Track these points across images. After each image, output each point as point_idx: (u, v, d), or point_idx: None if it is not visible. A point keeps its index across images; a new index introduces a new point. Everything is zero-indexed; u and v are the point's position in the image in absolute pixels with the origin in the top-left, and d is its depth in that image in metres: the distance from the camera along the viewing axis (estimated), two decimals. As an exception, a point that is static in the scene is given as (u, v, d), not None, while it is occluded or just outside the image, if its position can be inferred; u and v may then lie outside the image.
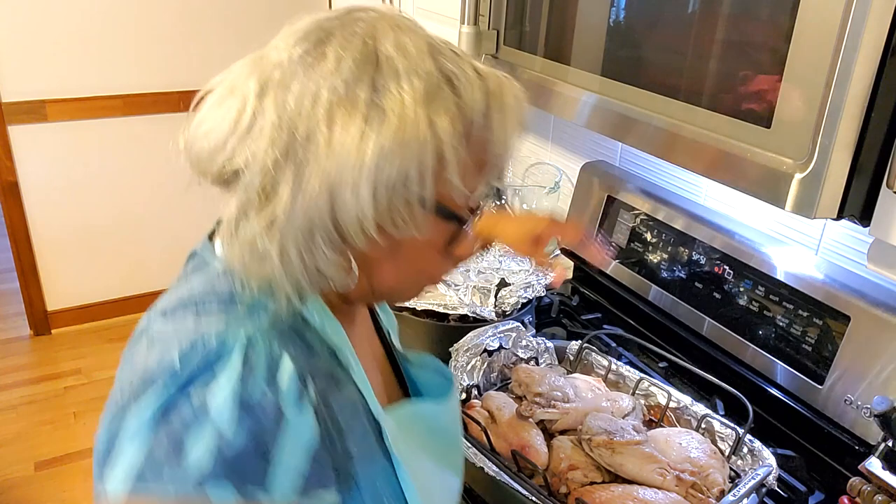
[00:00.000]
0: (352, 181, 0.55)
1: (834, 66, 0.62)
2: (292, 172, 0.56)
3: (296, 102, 0.57)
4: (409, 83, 0.57)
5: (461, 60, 0.61)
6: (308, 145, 0.56)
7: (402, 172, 0.56)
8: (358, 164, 0.55)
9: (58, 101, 2.76)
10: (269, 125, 0.57)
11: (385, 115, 0.56)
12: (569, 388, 0.98)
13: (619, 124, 0.88)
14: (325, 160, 0.55)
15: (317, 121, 0.56)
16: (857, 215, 0.67)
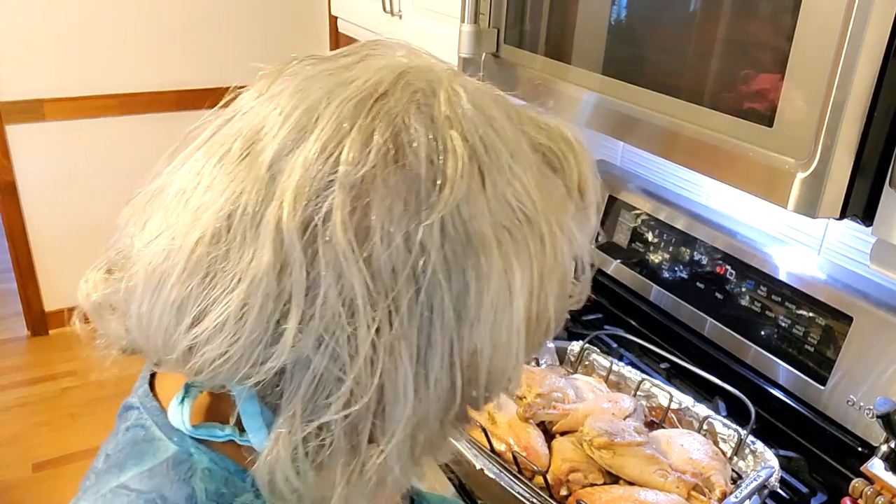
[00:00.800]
0: (506, 341, 0.41)
1: (836, 64, 0.61)
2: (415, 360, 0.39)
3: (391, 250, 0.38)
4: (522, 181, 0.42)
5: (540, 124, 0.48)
6: (427, 311, 0.39)
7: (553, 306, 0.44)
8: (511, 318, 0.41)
9: (55, 100, 2.76)
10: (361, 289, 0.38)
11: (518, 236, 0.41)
12: (570, 388, 0.98)
13: (621, 123, 0.88)
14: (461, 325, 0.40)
15: (433, 273, 0.39)
16: (860, 215, 0.67)
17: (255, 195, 0.39)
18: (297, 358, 0.39)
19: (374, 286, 0.38)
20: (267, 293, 0.38)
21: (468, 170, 0.40)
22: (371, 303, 0.38)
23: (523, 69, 1.05)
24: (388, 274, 0.38)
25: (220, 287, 0.39)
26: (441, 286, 0.39)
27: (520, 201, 0.41)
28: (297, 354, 0.39)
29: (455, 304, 0.40)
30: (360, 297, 0.38)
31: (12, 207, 2.82)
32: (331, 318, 0.38)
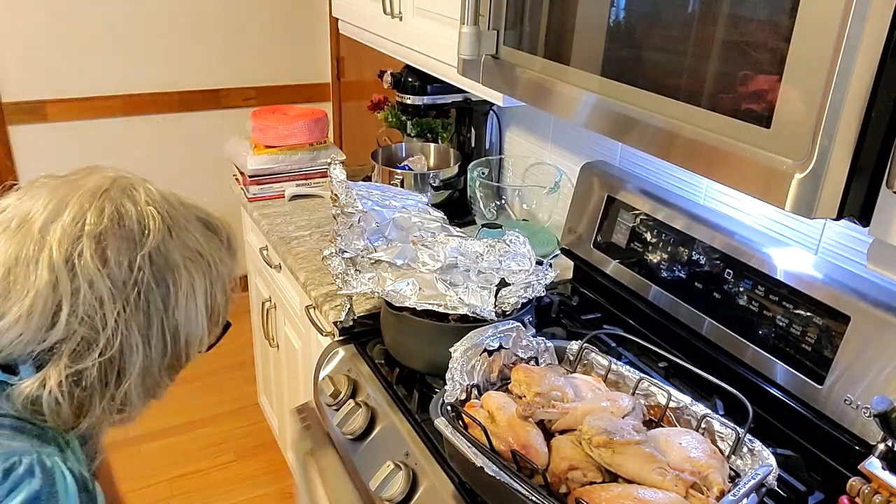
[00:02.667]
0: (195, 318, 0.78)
1: (834, 65, 0.62)
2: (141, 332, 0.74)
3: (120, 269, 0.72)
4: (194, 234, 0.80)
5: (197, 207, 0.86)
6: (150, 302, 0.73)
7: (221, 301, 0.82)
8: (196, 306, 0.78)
9: (58, 101, 2.76)
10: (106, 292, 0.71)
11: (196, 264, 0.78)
12: (569, 387, 0.98)
13: (619, 124, 0.88)
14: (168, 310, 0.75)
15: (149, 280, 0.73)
16: (857, 215, 0.67)
17: (33, 245, 0.69)
18: (66, 333, 0.69)
19: (114, 289, 0.71)
20: (46, 297, 0.68)
21: (161, 226, 0.75)
22: (112, 298, 0.70)
23: (522, 70, 1.06)
24: (120, 283, 0.71)
25: (14, 297, 0.68)
26: (153, 289, 0.73)
27: (194, 245, 0.77)
28: (67, 331, 0.69)
29: (163, 298, 0.74)
30: (105, 295, 0.70)
31: (14, 207, 2.83)
32: (88, 307, 0.69)
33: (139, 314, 0.72)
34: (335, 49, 3.17)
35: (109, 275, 0.69)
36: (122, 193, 0.74)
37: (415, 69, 1.76)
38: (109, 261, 0.70)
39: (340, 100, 3.27)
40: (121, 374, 0.72)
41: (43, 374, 0.69)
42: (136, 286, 0.71)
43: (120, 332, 0.70)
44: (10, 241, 0.69)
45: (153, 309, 0.73)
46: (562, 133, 1.71)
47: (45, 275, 0.67)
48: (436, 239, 1.31)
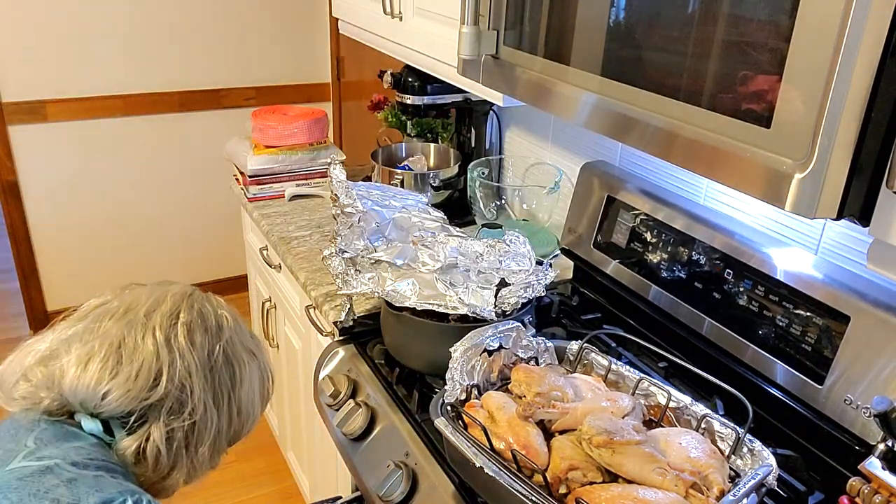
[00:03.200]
0: (256, 401, 0.97)
1: (834, 65, 0.62)
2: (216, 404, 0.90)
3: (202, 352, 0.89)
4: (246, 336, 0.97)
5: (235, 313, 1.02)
6: (224, 383, 0.90)
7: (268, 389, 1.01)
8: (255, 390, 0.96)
9: (58, 101, 2.77)
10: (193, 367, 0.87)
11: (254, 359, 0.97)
12: (569, 387, 0.98)
13: (619, 124, 0.88)
14: (238, 390, 0.92)
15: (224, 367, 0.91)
16: (857, 215, 0.67)
17: (140, 326, 0.86)
18: (165, 394, 0.84)
19: (198, 365, 0.87)
20: (150, 363, 0.84)
21: (232, 327, 0.94)
22: (197, 372, 0.87)
23: (522, 70, 1.06)
24: (203, 362, 0.88)
25: (125, 363, 0.83)
26: (224, 372, 0.91)
27: (250, 347, 0.96)
28: (165, 392, 0.84)
29: (231, 380, 0.91)
30: (193, 368, 0.87)
31: (15, 208, 2.83)
32: (181, 376, 0.85)
33: (214, 389, 0.89)
34: (335, 49, 3.17)
35: (196, 354, 0.87)
36: (202, 298, 0.93)
37: (415, 69, 1.76)
38: (196, 344, 0.87)
39: (340, 100, 3.27)
40: (199, 438, 0.88)
41: (147, 428, 0.84)
42: (213, 367, 0.89)
43: (202, 400, 0.87)
44: (120, 322, 0.85)
45: (224, 387, 0.90)
46: (562, 133, 1.71)
47: (150, 347, 0.84)
48: (436, 239, 1.31)
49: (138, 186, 3.01)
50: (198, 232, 3.22)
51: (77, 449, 0.79)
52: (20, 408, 0.84)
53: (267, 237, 1.85)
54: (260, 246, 2.03)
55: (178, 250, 3.22)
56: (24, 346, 0.87)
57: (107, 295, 0.91)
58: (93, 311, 0.88)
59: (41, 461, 0.76)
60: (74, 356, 0.82)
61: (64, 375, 0.81)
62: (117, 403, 0.81)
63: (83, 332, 0.85)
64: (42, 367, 0.83)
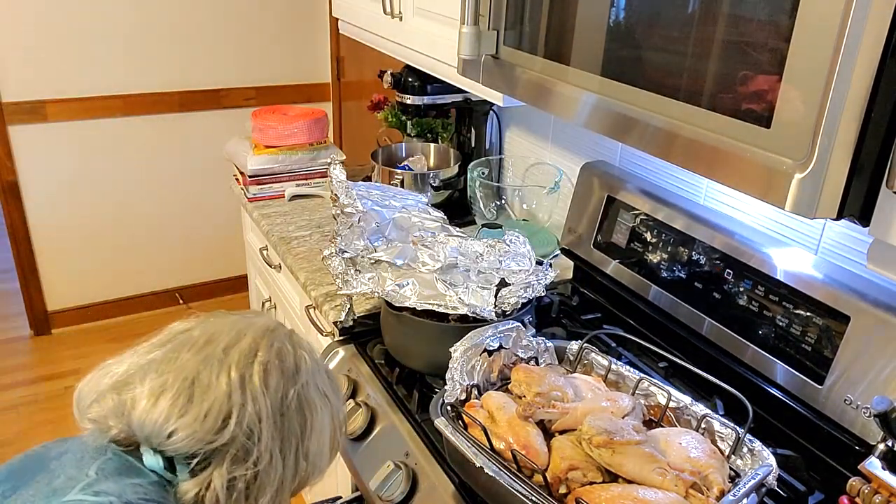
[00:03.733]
0: (325, 450, 0.89)
1: (834, 65, 0.62)
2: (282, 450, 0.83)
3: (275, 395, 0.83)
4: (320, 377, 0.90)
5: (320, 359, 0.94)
6: (295, 429, 0.84)
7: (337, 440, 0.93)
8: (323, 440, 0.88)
9: (58, 101, 2.76)
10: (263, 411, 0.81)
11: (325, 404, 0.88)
12: (569, 387, 0.98)
13: (619, 124, 0.88)
14: (308, 437, 0.85)
15: (297, 410, 0.84)
16: (857, 215, 0.67)
17: (217, 362, 0.81)
18: (231, 439, 0.78)
19: (270, 409, 0.81)
20: (221, 404, 0.78)
21: (310, 369, 0.87)
22: (268, 417, 0.81)
23: (522, 70, 1.06)
24: (275, 406, 0.82)
25: (196, 400, 0.78)
26: (295, 418, 0.84)
27: (325, 390, 0.89)
28: (231, 437, 0.78)
29: (301, 427, 0.84)
30: (263, 413, 0.80)
31: (15, 207, 2.83)
32: (250, 420, 0.79)
33: (283, 436, 0.82)
34: (335, 49, 3.17)
35: (269, 398, 0.81)
36: (284, 336, 0.87)
37: (415, 69, 1.76)
38: (270, 387, 0.82)
39: (340, 100, 3.26)
40: (261, 488, 0.82)
41: (209, 474, 0.79)
42: (284, 413, 0.82)
43: (269, 449, 0.81)
44: (198, 356, 0.81)
45: (293, 435, 0.83)
46: (562, 133, 1.71)
47: (223, 387, 0.79)
48: (436, 239, 1.31)
49: (138, 186, 3.01)
50: (198, 232, 3.22)
51: (135, 486, 0.76)
52: (91, 430, 0.81)
53: (267, 237, 1.85)
54: (260, 246, 2.03)
55: (178, 250, 3.22)
56: (104, 365, 0.84)
57: (191, 321, 0.87)
58: (174, 337, 0.84)
59: (97, 497, 0.73)
60: (147, 388, 0.79)
61: (135, 407, 0.78)
62: (182, 444, 0.77)
63: (161, 361, 0.81)
64: (115, 394, 0.80)
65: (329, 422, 0.88)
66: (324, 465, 0.90)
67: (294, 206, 1.98)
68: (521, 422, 0.92)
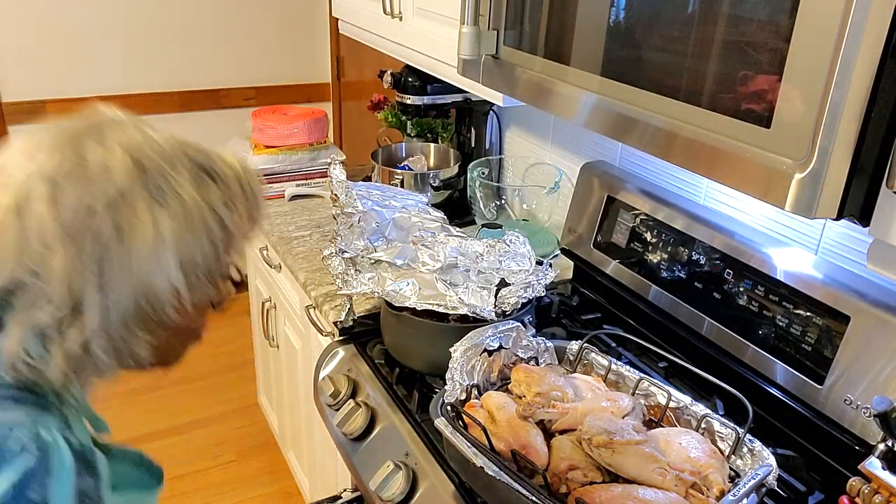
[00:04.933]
0: (162, 272, 0.67)
1: (834, 65, 0.62)
2: (95, 281, 0.64)
3: (74, 214, 0.64)
4: (176, 178, 0.69)
5: (204, 151, 0.74)
6: (104, 252, 0.64)
7: (203, 252, 0.70)
8: (162, 257, 0.67)
9: (58, 101, 2.76)
10: (55, 239, 0.63)
11: (169, 209, 0.67)
12: (569, 387, 0.98)
13: (619, 124, 0.88)
14: (128, 261, 0.65)
15: (105, 228, 0.64)
16: (857, 215, 0.67)
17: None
18: (13, 283, 0.64)
19: (65, 235, 0.63)
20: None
21: (130, 170, 0.66)
22: (63, 244, 0.63)
23: (522, 70, 1.06)
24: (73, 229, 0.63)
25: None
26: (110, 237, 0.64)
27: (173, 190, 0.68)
28: (12, 280, 0.63)
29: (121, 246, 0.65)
30: (54, 241, 0.63)
31: (14, 207, 2.83)
32: (35, 255, 0.63)
33: (93, 264, 0.64)
34: (335, 49, 3.17)
35: (60, 219, 0.63)
36: (95, 135, 0.68)
37: (415, 69, 1.76)
38: (61, 205, 0.63)
39: (340, 100, 3.26)
40: (80, 330, 0.66)
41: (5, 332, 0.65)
42: (91, 233, 0.64)
43: (72, 282, 0.64)
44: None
45: (107, 258, 0.64)
46: (562, 133, 1.71)
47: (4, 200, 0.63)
48: (436, 239, 1.31)
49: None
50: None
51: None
52: None
53: (267, 237, 1.84)
54: (260, 246, 2.03)
55: (178, 250, 3.21)
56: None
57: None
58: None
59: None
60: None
61: None
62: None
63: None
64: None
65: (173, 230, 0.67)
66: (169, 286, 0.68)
67: (294, 206, 1.98)
68: (521, 422, 0.92)
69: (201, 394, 2.75)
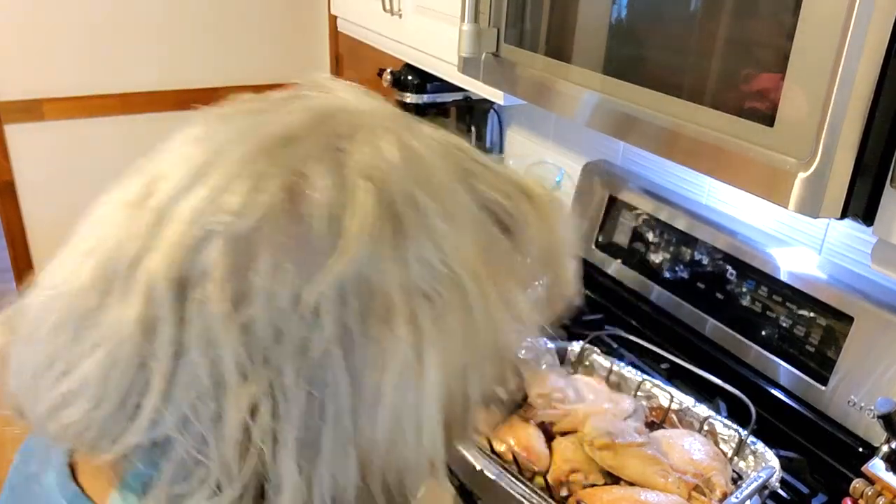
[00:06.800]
0: (414, 425, 0.36)
1: (837, 64, 0.61)
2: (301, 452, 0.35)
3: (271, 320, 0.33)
4: (454, 239, 0.36)
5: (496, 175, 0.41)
6: (319, 389, 0.34)
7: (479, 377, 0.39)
8: (419, 396, 0.35)
9: (55, 99, 2.75)
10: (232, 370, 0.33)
11: (437, 304, 0.35)
12: (570, 389, 0.98)
13: (621, 123, 0.87)
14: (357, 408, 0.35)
15: (326, 347, 0.34)
16: (861, 215, 0.66)
17: (137, 242, 0.35)
18: (158, 436, 0.34)
19: (250, 357, 0.33)
20: (130, 355, 0.34)
21: (377, 227, 0.34)
22: (244, 376, 0.33)
23: (523, 68, 1.05)
24: (270, 343, 0.33)
25: (87, 343, 0.35)
26: (335, 361, 0.34)
27: (447, 264, 0.35)
28: (157, 432, 0.34)
29: (351, 382, 0.34)
30: (228, 370, 0.33)
31: (11, 207, 2.82)
32: (196, 394, 0.33)
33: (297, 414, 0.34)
34: (334, 47, 3.16)
35: (247, 325, 0.33)
36: (324, 146, 0.36)
37: (414, 67, 1.75)
38: (254, 296, 0.33)
39: (340, 99, 3.26)
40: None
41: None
42: (302, 355, 0.34)
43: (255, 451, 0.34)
44: (116, 227, 0.39)
45: (330, 405, 0.35)
46: (563, 132, 1.70)
47: (134, 309, 0.34)
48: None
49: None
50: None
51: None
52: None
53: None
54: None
55: (178, 250, 3.21)
56: None
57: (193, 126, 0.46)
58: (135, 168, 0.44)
59: None
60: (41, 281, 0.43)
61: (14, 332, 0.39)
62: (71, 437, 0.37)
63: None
64: None
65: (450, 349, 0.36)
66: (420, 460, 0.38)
67: (293, 205, 1.97)
68: (522, 423, 0.91)
69: (201, 394, 2.74)
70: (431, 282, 0.35)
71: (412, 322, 0.35)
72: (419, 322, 0.35)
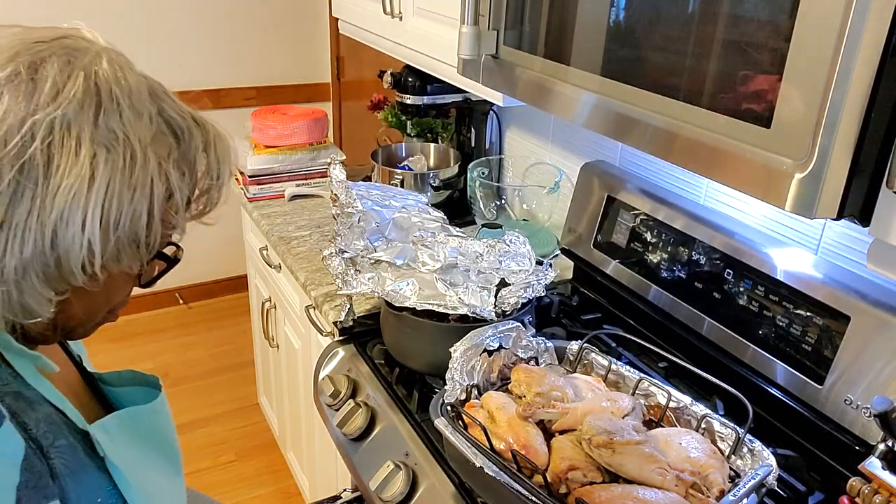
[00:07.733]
0: (80, 220, 0.57)
1: (834, 65, 0.62)
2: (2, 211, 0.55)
3: (4, 132, 0.55)
4: (134, 124, 0.60)
5: (179, 107, 0.67)
6: (24, 181, 0.55)
7: (134, 213, 0.60)
8: (86, 203, 0.57)
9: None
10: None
11: (113, 154, 0.58)
12: (569, 387, 0.98)
13: (619, 124, 0.88)
14: (45, 198, 0.56)
15: (34, 155, 0.55)
16: (857, 215, 0.67)
17: None
18: None
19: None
20: None
21: (85, 100, 0.58)
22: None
23: (522, 70, 1.05)
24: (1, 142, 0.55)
25: None
26: (38, 164, 0.55)
27: (125, 134, 0.59)
28: None
29: (44, 178, 0.56)
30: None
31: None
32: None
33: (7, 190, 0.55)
34: (335, 49, 3.17)
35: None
36: (61, 55, 0.60)
37: (415, 69, 1.76)
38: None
39: (340, 100, 3.26)
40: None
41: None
42: (15, 155, 0.55)
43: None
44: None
45: (25, 188, 0.55)
46: (562, 133, 1.71)
47: None
48: (436, 239, 1.31)
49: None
50: (197, 232, 3.21)
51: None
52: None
53: (267, 237, 1.84)
54: (260, 246, 2.03)
55: (178, 250, 3.22)
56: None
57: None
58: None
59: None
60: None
61: None
62: None
63: None
64: None
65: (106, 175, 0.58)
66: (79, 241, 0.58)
67: (294, 206, 1.98)
68: (521, 422, 0.92)
69: (201, 394, 2.75)
70: (111, 140, 0.58)
71: (93, 158, 0.57)
72: (96, 158, 0.57)
